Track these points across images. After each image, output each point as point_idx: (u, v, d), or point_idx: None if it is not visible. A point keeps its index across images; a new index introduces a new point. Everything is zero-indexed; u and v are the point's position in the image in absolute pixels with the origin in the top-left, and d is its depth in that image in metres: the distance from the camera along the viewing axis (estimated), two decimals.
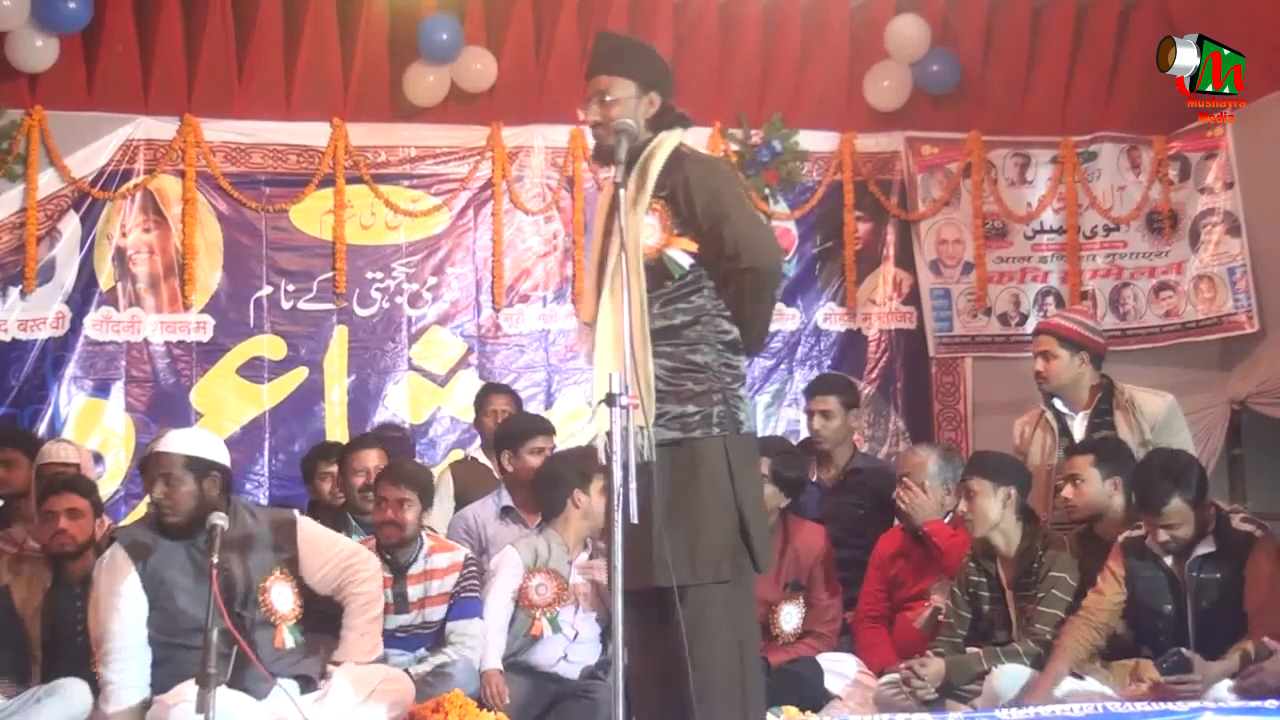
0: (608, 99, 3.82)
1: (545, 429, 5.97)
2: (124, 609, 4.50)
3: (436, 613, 5.20)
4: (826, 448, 6.27)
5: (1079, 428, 5.64)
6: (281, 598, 4.60)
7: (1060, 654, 4.67)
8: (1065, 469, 5.27)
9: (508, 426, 6.14)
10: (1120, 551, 4.89)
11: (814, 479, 6.26)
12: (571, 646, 5.28)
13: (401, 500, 5.19)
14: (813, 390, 6.45)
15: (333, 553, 4.80)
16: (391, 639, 5.10)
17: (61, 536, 4.94)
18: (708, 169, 3.85)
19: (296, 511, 4.93)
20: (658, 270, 3.69)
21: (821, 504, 6.19)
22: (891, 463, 7.17)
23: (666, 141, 3.79)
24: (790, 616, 5.48)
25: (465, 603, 5.22)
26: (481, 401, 6.66)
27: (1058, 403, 5.70)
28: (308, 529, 4.79)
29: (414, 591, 5.19)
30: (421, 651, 5.16)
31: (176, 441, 4.70)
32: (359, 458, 5.89)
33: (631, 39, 3.99)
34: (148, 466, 4.62)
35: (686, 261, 3.69)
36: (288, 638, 4.60)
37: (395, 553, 5.21)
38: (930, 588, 5.40)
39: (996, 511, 4.97)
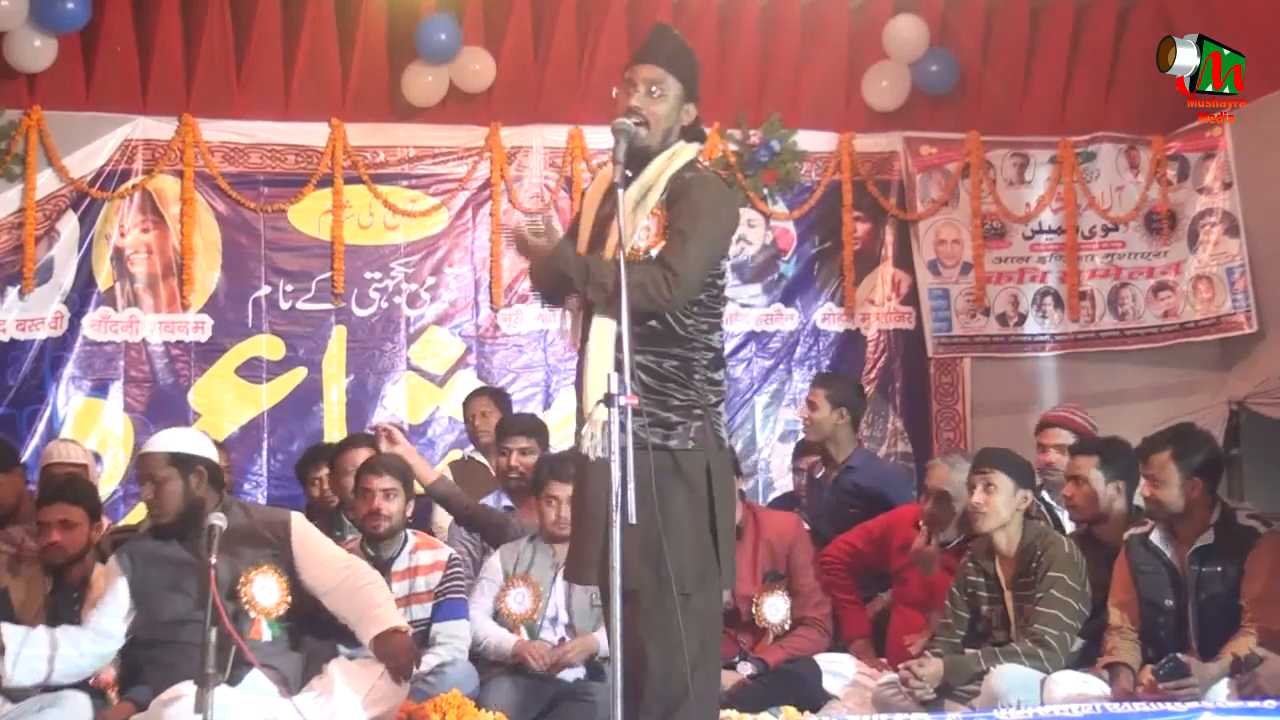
0: (656, 92, 3.67)
1: (519, 429, 5.88)
2: (101, 620, 4.54)
3: (422, 611, 5.16)
4: (811, 439, 6.26)
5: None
6: (265, 591, 4.58)
7: (1124, 670, 4.68)
8: (1069, 468, 5.27)
9: (496, 428, 6.15)
10: (1124, 549, 4.90)
11: (818, 475, 6.27)
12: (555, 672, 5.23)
13: (386, 490, 5.16)
14: (811, 382, 6.52)
15: (328, 553, 4.79)
16: None
17: (52, 549, 4.92)
18: (711, 185, 3.75)
19: (293, 512, 4.92)
20: None
21: (821, 502, 6.21)
22: (889, 462, 7.17)
23: (684, 152, 3.73)
24: (775, 608, 5.44)
25: (451, 604, 5.18)
26: (466, 405, 6.67)
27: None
28: (301, 529, 4.77)
29: (399, 588, 5.14)
30: None
31: (160, 440, 4.70)
32: (348, 457, 5.85)
33: (689, 46, 3.87)
34: (138, 469, 4.61)
35: None
36: (266, 631, 4.58)
37: (379, 548, 5.18)
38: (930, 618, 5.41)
39: (1009, 512, 4.95)
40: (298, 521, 4.79)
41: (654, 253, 3.60)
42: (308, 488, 6.13)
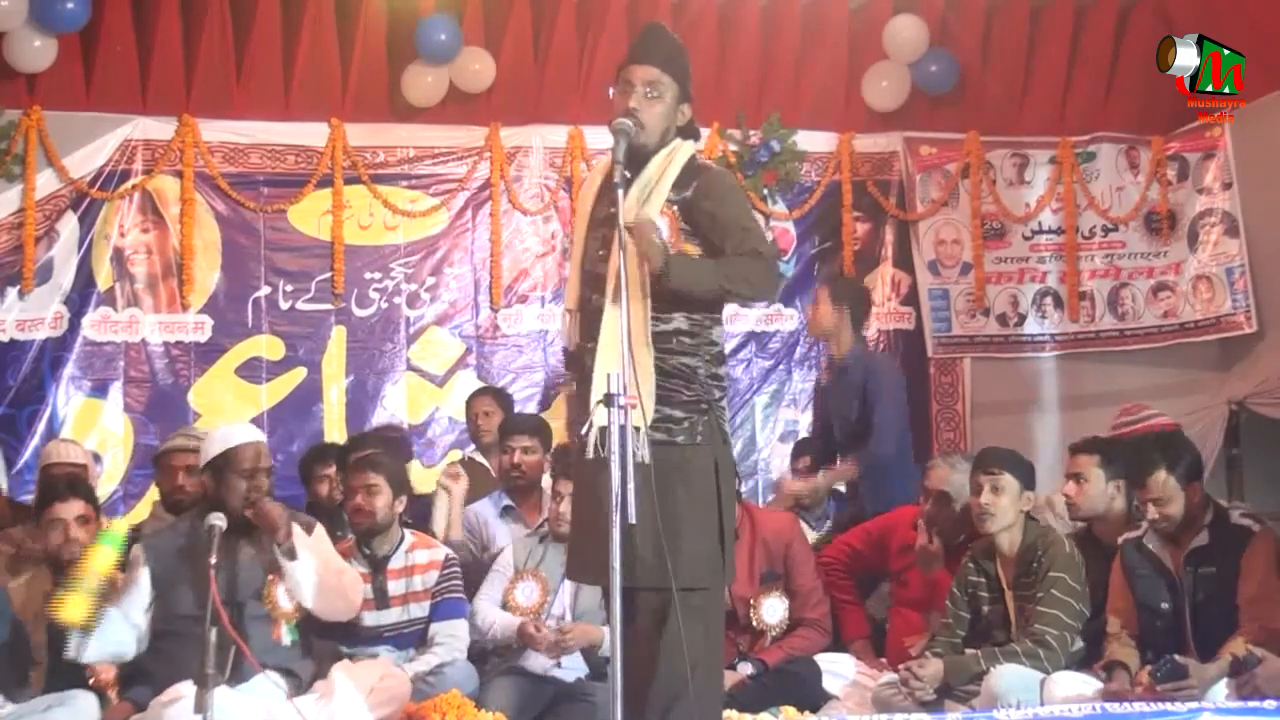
0: (653, 93, 3.69)
1: (523, 429, 5.92)
2: (129, 611, 4.52)
3: (420, 610, 5.17)
4: (813, 335, 6.85)
5: None
6: (287, 595, 4.63)
7: (1120, 669, 4.68)
8: (1070, 466, 5.25)
9: (500, 427, 6.16)
10: (1119, 555, 4.90)
11: (824, 383, 6.49)
12: (556, 656, 5.24)
13: (368, 486, 5.16)
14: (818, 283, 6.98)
15: (337, 563, 4.85)
16: (380, 639, 5.10)
17: (73, 545, 4.92)
18: (727, 177, 3.88)
19: (318, 522, 4.94)
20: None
21: (826, 404, 6.41)
22: (884, 355, 7.26)
23: (683, 150, 3.74)
24: (773, 609, 5.41)
25: (449, 603, 5.19)
26: (469, 404, 6.68)
27: None
28: (319, 534, 4.82)
29: (394, 586, 5.16)
30: (411, 651, 5.15)
31: (252, 431, 4.80)
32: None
33: (684, 46, 3.86)
34: (234, 462, 4.60)
35: None
36: (285, 635, 4.61)
37: (372, 543, 5.19)
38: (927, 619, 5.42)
39: (1014, 513, 4.96)
40: (319, 530, 4.84)
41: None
42: (313, 485, 6.12)
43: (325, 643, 4.94)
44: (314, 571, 4.62)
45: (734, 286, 3.64)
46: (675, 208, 3.67)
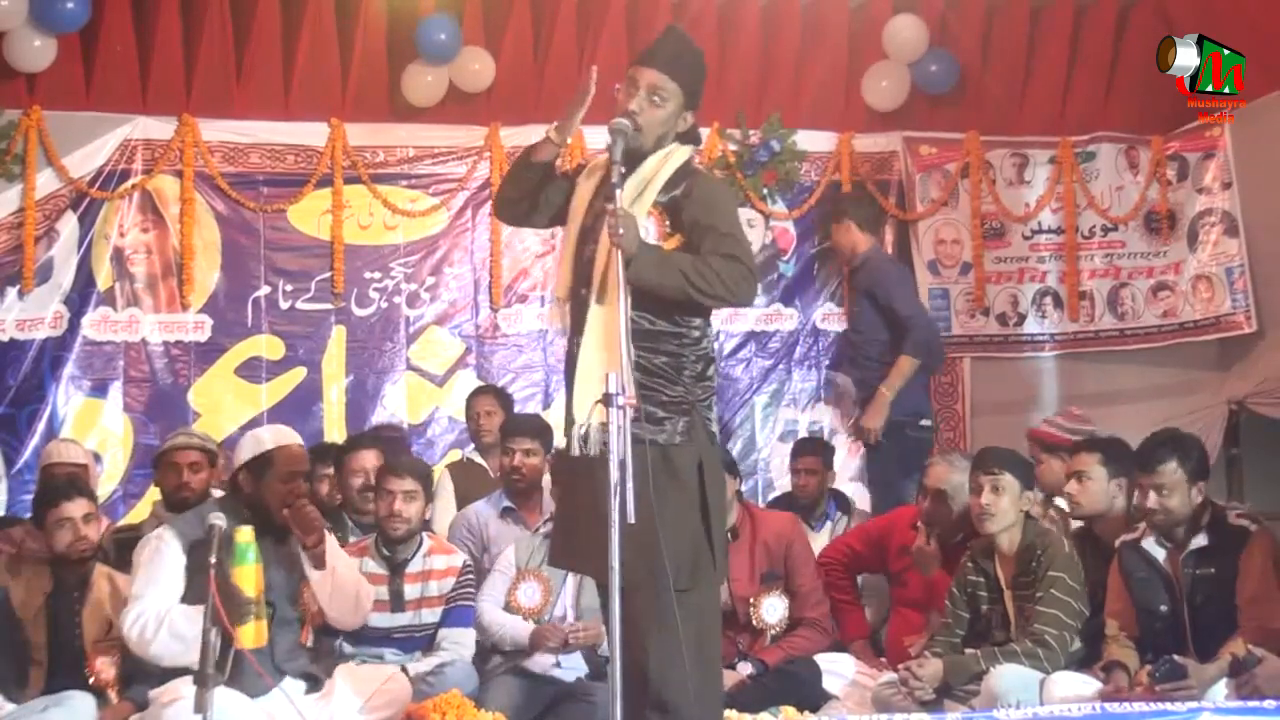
0: (657, 99, 3.70)
1: (525, 430, 5.90)
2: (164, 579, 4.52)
3: (432, 615, 5.19)
4: (842, 252, 7.32)
5: None
6: (314, 598, 4.68)
7: (1119, 670, 4.68)
8: (1072, 465, 5.25)
9: (501, 429, 6.17)
10: (1117, 558, 4.90)
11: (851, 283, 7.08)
12: (563, 654, 5.26)
13: (407, 492, 5.17)
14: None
15: (355, 574, 4.90)
16: (388, 640, 5.11)
17: (82, 543, 4.92)
18: (719, 184, 3.90)
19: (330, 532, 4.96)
20: None
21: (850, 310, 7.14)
22: (891, 260, 7.45)
23: (679, 152, 3.74)
24: (772, 609, 5.45)
25: (459, 611, 5.21)
26: (469, 404, 6.68)
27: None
28: (331, 541, 4.83)
29: (410, 590, 5.18)
30: (417, 654, 5.16)
31: (291, 434, 4.82)
32: (357, 458, 5.88)
33: (700, 52, 3.86)
34: (275, 464, 4.61)
35: None
36: (312, 636, 4.68)
37: (394, 549, 5.20)
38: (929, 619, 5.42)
39: (1015, 513, 4.96)
40: (333, 539, 4.86)
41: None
42: (313, 485, 6.11)
43: (329, 641, 4.96)
44: (339, 580, 4.65)
45: (700, 282, 3.56)
46: (663, 208, 3.67)
